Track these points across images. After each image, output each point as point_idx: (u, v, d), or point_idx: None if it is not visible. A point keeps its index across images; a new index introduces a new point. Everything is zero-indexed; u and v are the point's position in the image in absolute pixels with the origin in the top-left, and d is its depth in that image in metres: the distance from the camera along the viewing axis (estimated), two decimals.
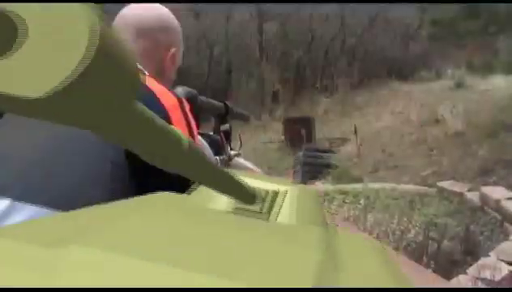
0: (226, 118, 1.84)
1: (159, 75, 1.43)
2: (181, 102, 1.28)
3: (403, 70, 16.73)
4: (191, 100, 1.43)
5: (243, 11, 16.23)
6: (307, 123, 10.54)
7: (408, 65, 16.92)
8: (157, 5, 1.44)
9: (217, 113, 1.85)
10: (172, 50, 1.44)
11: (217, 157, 1.59)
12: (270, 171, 8.81)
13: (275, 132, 12.00)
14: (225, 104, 1.88)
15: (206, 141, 1.54)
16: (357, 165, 9.04)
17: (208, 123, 1.88)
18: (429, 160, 8.96)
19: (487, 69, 9.19)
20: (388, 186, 7.53)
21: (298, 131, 9.72)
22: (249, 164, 1.86)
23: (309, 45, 15.72)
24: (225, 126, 1.79)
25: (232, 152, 1.85)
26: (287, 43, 16.09)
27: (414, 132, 10.67)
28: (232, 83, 15.53)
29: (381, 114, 12.55)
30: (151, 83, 1.29)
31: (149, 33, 1.39)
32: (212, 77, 15.60)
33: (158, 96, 1.25)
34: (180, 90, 1.42)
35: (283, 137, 11.02)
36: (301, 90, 15.52)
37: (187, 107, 1.30)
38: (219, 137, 1.72)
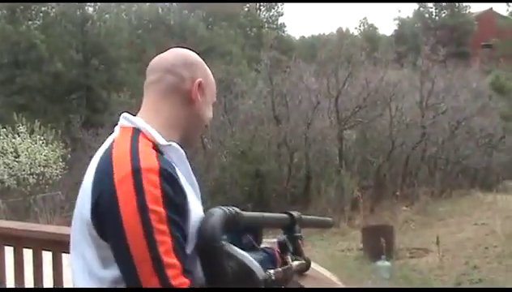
0: (294, 229, 1.76)
1: (187, 105, 1.50)
2: (135, 172, 1.25)
3: (486, 180, 16.34)
4: (229, 221, 1.39)
5: None
6: (387, 232, 10.38)
7: (492, 175, 16.54)
8: (181, 49, 1.59)
9: (280, 225, 1.77)
10: (197, 81, 1.51)
11: (270, 271, 1.49)
12: (348, 280, 8.65)
13: (353, 240, 11.86)
14: (290, 214, 1.79)
15: (259, 257, 1.49)
16: (439, 278, 8.74)
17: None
18: None
19: None
20: None
21: (377, 240, 9.57)
22: (325, 272, 1.86)
23: (390, 153, 15.75)
24: (281, 237, 1.70)
25: (295, 263, 1.71)
26: (367, 150, 16.19)
27: (499, 245, 10.26)
28: (311, 189, 15.62)
29: (465, 225, 12.20)
30: (121, 143, 1.35)
31: (172, 69, 1.51)
32: (292, 182, 15.77)
33: (113, 165, 1.28)
34: (217, 210, 1.39)
35: (361, 245, 10.86)
36: (381, 198, 15.41)
37: (154, 176, 1.26)
38: (274, 250, 1.63)
